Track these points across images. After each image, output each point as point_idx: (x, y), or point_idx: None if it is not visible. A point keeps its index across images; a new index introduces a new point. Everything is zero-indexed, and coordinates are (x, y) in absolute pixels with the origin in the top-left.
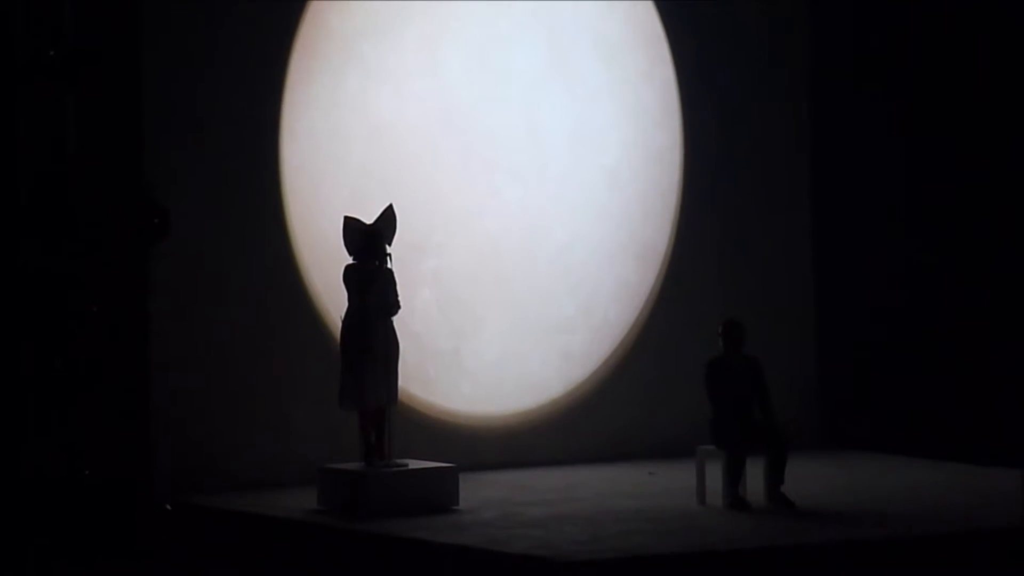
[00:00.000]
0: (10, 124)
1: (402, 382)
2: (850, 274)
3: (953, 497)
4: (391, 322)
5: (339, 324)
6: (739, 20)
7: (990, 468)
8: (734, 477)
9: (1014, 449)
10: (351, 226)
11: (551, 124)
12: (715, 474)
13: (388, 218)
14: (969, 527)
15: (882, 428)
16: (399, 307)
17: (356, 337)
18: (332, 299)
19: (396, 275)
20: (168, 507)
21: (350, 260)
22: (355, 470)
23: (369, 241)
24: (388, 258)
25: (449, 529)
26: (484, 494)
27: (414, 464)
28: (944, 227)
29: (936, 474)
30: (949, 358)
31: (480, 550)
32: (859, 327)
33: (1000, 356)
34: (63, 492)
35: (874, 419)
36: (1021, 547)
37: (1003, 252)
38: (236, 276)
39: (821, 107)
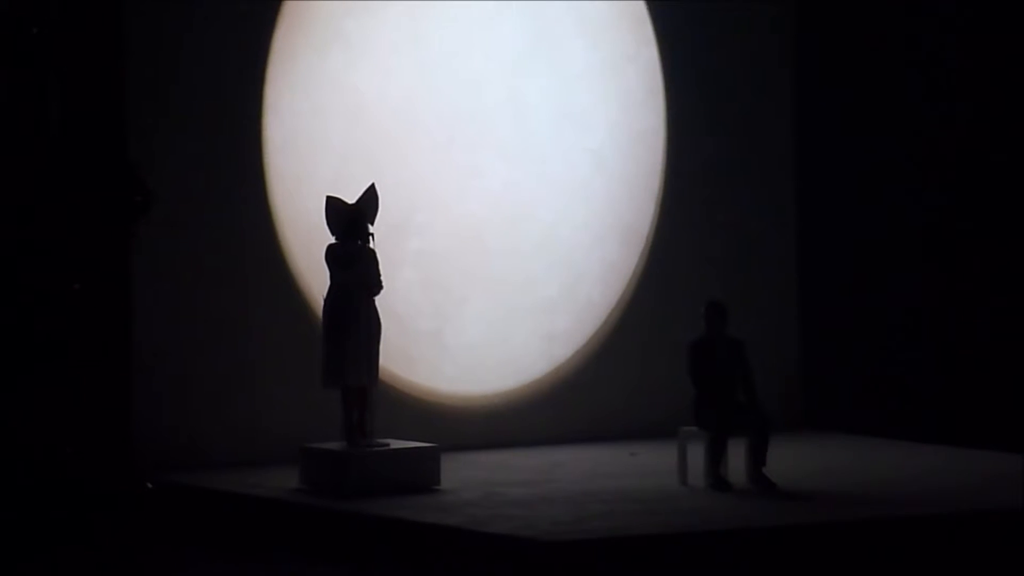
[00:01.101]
0: None
1: (385, 362)
2: (834, 255)
3: (935, 479)
4: (373, 301)
5: (321, 303)
6: (723, 2)
7: (973, 451)
8: (716, 458)
9: (997, 432)
10: (334, 205)
11: (535, 105)
12: (697, 455)
13: (371, 198)
14: (951, 509)
15: (864, 410)
16: (381, 287)
17: (338, 316)
18: (315, 278)
19: (379, 255)
20: (150, 485)
21: (333, 239)
22: (337, 449)
23: (352, 220)
24: (371, 237)
25: (431, 509)
26: (466, 474)
27: (396, 444)
28: (931, 210)
29: (918, 456)
30: (933, 341)
31: (462, 530)
32: (842, 309)
33: (985, 339)
34: (47, 471)
35: (856, 401)
36: (1003, 529)
37: (988, 236)
38: (219, 254)
39: (806, 89)
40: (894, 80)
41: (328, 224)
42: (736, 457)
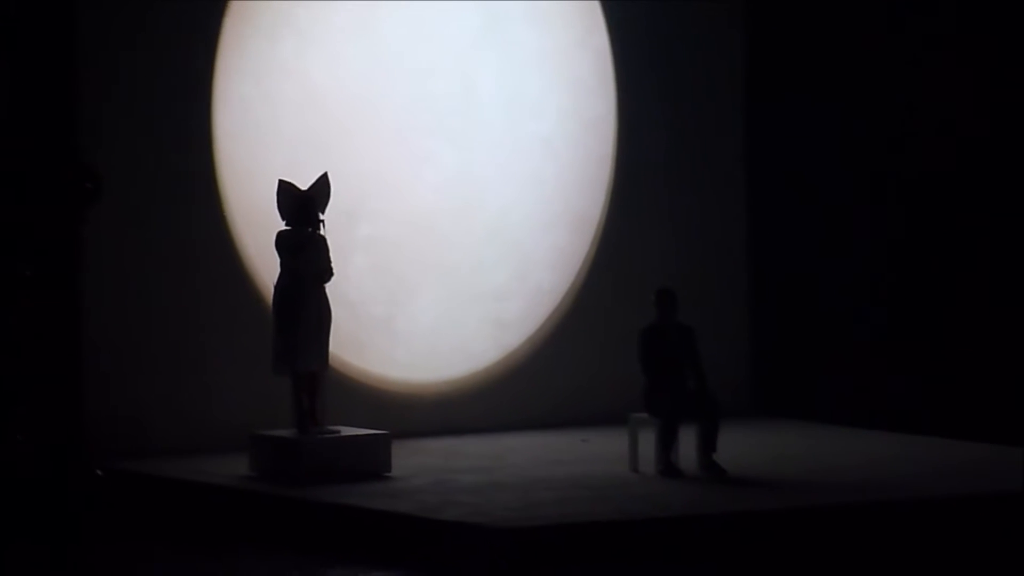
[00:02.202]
0: None
1: (336, 349)
2: (784, 242)
3: (884, 466)
4: (324, 288)
5: (272, 290)
6: None
7: (924, 438)
8: (667, 444)
9: (949, 420)
10: (285, 190)
11: (486, 91)
12: (648, 441)
13: (323, 185)
14: (900, 496)
15: (814, 397)
16: (332, 273)
17: (288, 303)
18: (265, 265)
19: (329, 242)
20: (99, 473)
21: (283, 226)
22: (288, 436)
23: (303, 207)
24: (321, 225)
25: (382, 496)
26: (417, 461)
27: (347, 431)
28: (883, 197)
29: (868, 443)
30: (883, 327)
31: (413, 517)
32: (793, 296)
33: (935, 326)
34: None
35: (806, 388)
36: (950, 515)
37: (935, 225)
38: (169, 241)
39: (758, 78)
40: (844, 71)
41: (279, 208)
42: (687, 444)
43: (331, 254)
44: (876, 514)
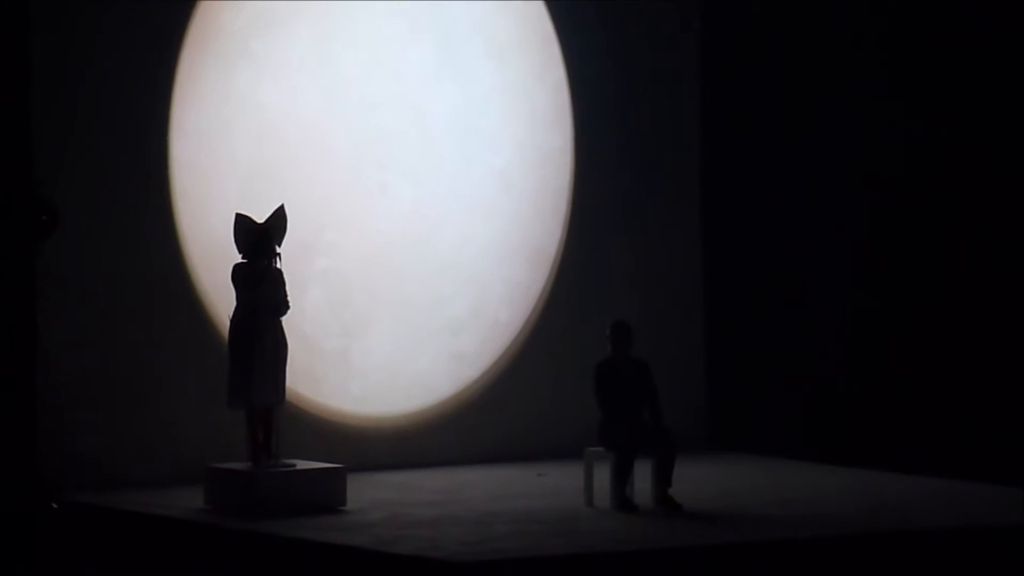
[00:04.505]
0: None
1: (291, 382)
2: (740, 277)
3: (841, 501)
4: (280, 322)
5: (227, 323)
6: (629, 21)
7: (880, 473)
8: (622, 479)
9: (902, 454)
10: (242, 223)
11: (442, 124)
12: (603, 476)
13: (279, 218)
14: (855, 530)
15: (770, 432)
16: (288, 307)
17: (244, 336)
18: (220, 298)
19: (285, 274)
20: (54, 506)
21: (239, 259)
22: (243, 469)
23: (259, 240)
24: (277, 258)
25: (337, 529)
26: (372, 495)
27: (302, 464)
28: (838, 228)
29: (825, 478)
30: (839, 362)
31: (368, 551)
32: (749, 330)
33: (894, 359)
34: None
35: (761, 423)
36: (906, 551)
37: (895, 255)
38: (124, 274)
39: (713, 112)
40: (801, 106)
41: (236, 241)
42: (642, 478)
43: (287, 287)
44: (831, 548)
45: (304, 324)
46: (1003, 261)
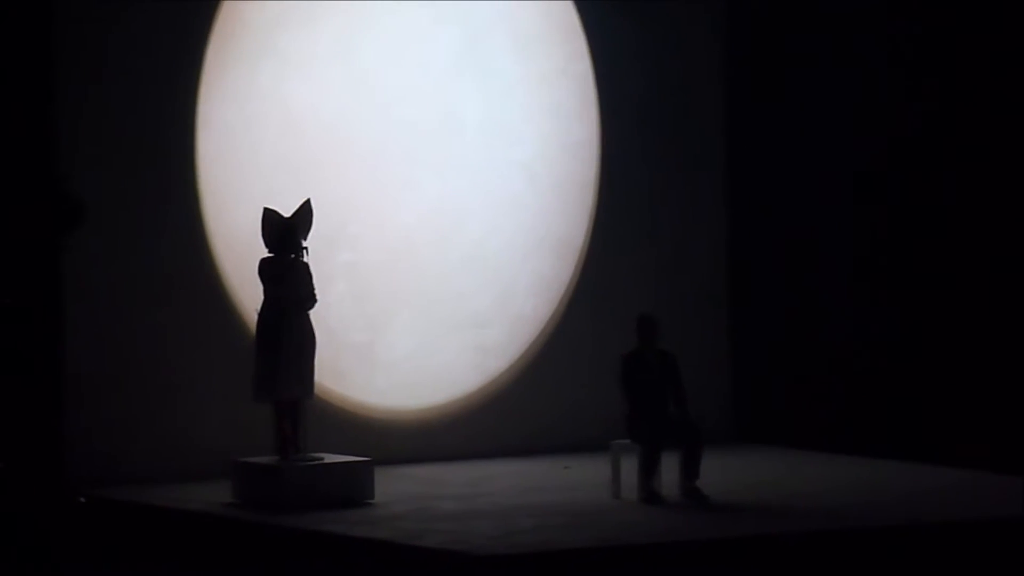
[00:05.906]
0: None
1: (317, 375)
2: (766, 269)
3: (867, 493)
4: (307, 315)
5: (254, 317)
6: (655, 15)
7: (906, 463)
8: (649, 471)
9: (929, 446)
10: (270, 218)
11: (467, 117)
12: (630, 468)
13: (305, 212)
14: (882, 522)
15: (797, 423)
16: (315, 300)
17: (271, 330)
18: (247, 292)
19: (312, 268)
20: (82, 500)
21: (265, 253)
22: (269, 463)
23: (285, 234)
24: (304, 251)
25: (363, 523)
26: (398, 488)
27: (329, 458)
28: (863, 223)
29: (851, 470)
30: (866, 354)
31: (394, 544)
32: (775, 322)
33: (918, 351)
34: None
35: (788, 414)
36: (934, 543)
37: (920, 247)
38: (150, 268)
39: (738, 103)
40: (824, 95)
41: (263, 235)
42: (669, 470)
43: (314, 281)
44: (857, 540)
45: (329, 318)
46: None
